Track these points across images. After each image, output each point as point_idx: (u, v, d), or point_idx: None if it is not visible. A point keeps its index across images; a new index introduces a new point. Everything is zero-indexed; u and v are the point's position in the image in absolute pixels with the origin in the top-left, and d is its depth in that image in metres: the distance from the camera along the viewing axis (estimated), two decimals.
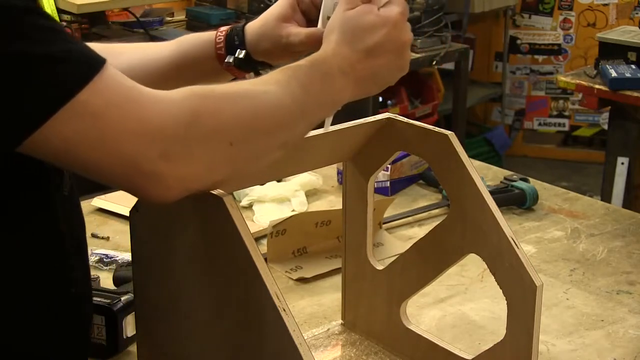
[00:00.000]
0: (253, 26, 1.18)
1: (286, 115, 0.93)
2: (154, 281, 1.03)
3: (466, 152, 1.14)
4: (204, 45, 1.18)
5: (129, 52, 1.20)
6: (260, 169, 0.99)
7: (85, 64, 0.81)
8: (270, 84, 0.93)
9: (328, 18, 1.05)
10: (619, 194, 3.00)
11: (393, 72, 1.04)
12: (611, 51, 2.99)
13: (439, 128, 1.16)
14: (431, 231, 1.20)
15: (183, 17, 3.74)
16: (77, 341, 1.02)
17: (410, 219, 1.74)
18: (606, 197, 3.01)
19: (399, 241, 1.63)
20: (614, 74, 2.82)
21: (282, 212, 1.73)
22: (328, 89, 0.97)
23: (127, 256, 1.50)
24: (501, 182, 1.84)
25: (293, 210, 1.76)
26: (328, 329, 1.34)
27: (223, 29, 1.18)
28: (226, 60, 1.16)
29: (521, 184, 1.81)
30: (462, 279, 1.50)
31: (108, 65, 0.83)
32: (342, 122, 1.17)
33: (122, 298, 1.25)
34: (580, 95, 3.83)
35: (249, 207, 1.78)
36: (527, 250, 1.60)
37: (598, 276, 1.52)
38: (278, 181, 1.83)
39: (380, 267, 1.26)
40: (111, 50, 1.19)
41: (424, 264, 1.20)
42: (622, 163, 2.98)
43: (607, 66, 2.90)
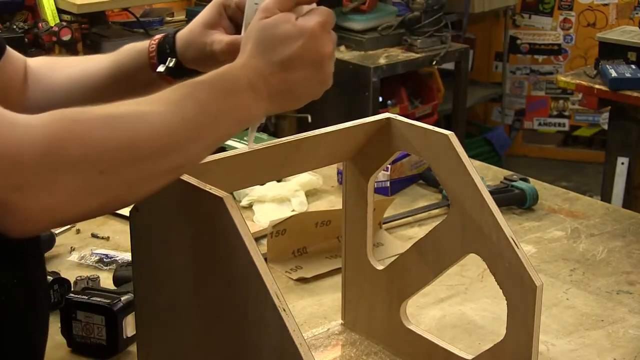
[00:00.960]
0: (182, 34, 1.13)
1: (173, 137, 0.84)
2: (154, 281, 1.03)
3: (466, 152, 1.14)
4: (139, 55, 1.14)
5: (71, 66, 1.17)
6: (141, 196, 0.88)
7: None
8: (157, 104, 0.85)
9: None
10: (619, 194, 3.00)
11: (313, 87, 0.96)
12: (611, 51, 2.99)
13: (439, 128, 1.16)
14: (431, 231, 1.20)
15: (183, 17, 3.74)
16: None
17: (410, 219, 1.74)
18: (606, 197, 3.01)
19: (399, 241, 1.63)
20: (614, 74, 2.83)
21: (282, 212, 1.73)
22: (232, 106, 0.90)
23: (127, 256, 1.50)
24: (501, 182, 1.84)
25: (293, 210, 1.76)
26: (328, 329, 1.34)
27: (157, 37, 1.14)
28: (157, 69, 1.12)
29: (521, 184, 1.81)
30: (462, 279, 1.50)
31: None
32: (342, 122, 1.17)
33: (122, 298, 1.25)
34: (580, 95, 3.84)
35: (249, 207, 1.78)
36: (527, 250, 1.60)
37: (598, 276, 1.52)
38: (278, 181, 1.83)
39: (380, 267, 1.26)
40: (54, 64, 1.17)
41: (424, 264, 1.20)
42: (622, 163, 2.99)
43: (607, 66, 2.90)
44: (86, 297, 1.26)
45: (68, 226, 1.67)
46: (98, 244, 1.62)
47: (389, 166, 1.81)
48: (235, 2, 1.10)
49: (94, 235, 1.66)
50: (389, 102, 3.93)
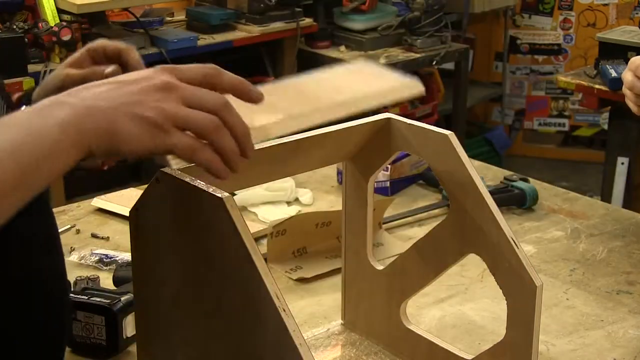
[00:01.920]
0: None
1: None
2: (154, 281, 1.03)
3: (466, 152, 1.14)
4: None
5: None
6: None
7: None
8: None
9: None
10: (619, 194, 3.00)
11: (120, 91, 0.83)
12: (611, 51, 2.99)
13: (439, 128, 1.16)
14: (431, 231, 1.20)
15: (183, 17, 3.75)
16: None
17: (410, 219, 1.74)
18: (606, 197, 3.01)
19: (399, 241, 1.63)
20: (614, 74, 2.82)
21: (283, 212, 1.73)
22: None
23: (127, 256, 1.50)
24: (501, 182, 1.84)
25: (299, 210, 1.76)
26: (328, 329, 1.34)
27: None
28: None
29: (521, 184, 1.81)
30: (462, 279, 1.50)
31: None
32: (342, 122, 1.17)
33: (122, 298, 1.25)
34: (580, 95, 3.83)
35: (249, 207, 1.78)
36: (527, 250, 1.60)
37: (598, 276, 1.52)
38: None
39: (380, 267, 1.26)
40: None
41: (424, 264, 1.20)
42: (622, 163, 2.99)
43: (607, 66, 2.90)
44: (86, 297, 1.26)
45: (68, 226, 1.68)
46: (98, 244, 1.62)
47: (389, 166, 1.81)
48: (103, 49, 1.11)
49: (94, 235, 1.66)
50: None
